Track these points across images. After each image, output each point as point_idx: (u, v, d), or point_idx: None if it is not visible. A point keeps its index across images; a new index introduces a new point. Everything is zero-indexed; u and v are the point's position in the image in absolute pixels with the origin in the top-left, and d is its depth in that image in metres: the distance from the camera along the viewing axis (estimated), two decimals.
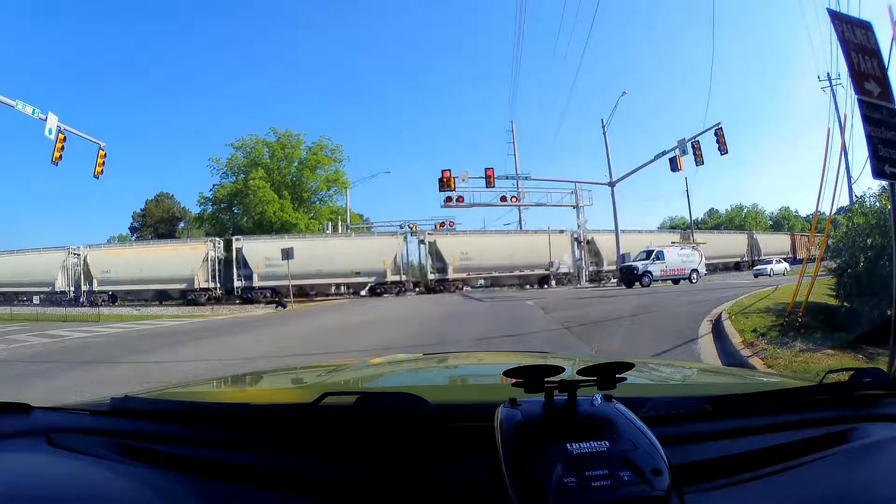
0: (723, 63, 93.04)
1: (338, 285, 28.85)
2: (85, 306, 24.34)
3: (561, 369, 0.71)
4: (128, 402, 1.04)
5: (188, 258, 27.53)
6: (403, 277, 29.60)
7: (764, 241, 42.71)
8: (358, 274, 28.33)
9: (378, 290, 28.42)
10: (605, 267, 31.90)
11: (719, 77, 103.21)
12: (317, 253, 27.14)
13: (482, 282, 31.81)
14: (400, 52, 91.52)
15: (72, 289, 27.52)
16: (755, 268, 31.68)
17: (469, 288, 30.13)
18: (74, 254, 27.87)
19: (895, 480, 0.71)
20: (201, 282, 27.40)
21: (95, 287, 27.23)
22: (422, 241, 30.62)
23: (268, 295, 26.97)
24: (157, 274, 27.18)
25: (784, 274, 27.36)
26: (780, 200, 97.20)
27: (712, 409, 0.88)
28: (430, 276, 29.82)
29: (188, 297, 27.25)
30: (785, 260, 34.04)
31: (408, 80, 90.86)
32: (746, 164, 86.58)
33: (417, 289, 30.30)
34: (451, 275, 29.48)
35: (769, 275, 27.64)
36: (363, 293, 29.04)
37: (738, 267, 37.89)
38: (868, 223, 5.60)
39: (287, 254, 21.41)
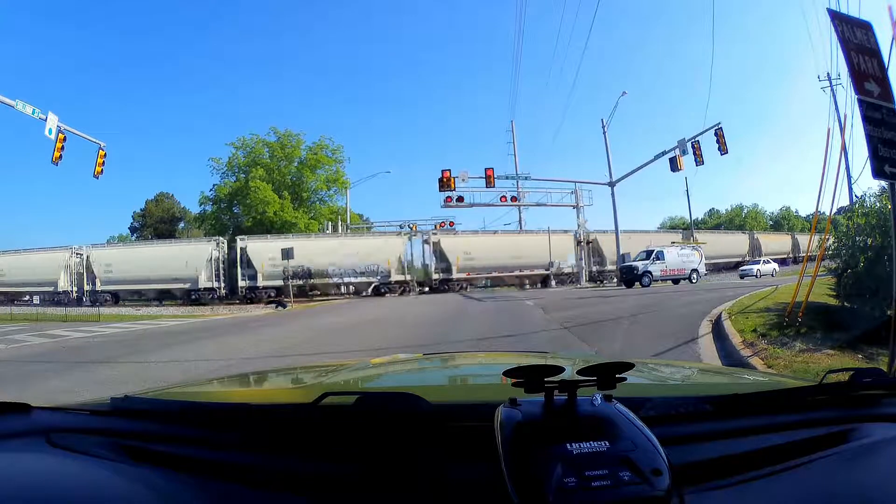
0: (723, 63, 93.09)
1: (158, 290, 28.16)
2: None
3: (561, 369, 0.71)
4: (128, 402, 1.04)
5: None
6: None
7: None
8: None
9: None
10: (608, 266, 31.27)
11: (719, 77, 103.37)
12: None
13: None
14: (400, 52, 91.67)
15: None
16: (741, 268, 30.96)
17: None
18: None
19: (895, 480, 0.71)
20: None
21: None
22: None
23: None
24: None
25: (773, 275, 26.89)
26: (780, 200, 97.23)
27: (712, 409, 0.88)
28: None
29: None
30: (775, 261, 33.02)
31: (408, 79, 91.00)
32: (746, 164, 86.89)
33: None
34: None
35: (756, 276, 27.38)
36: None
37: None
38: (868, 223, 5.60)
39: (287, 254, 21.46)
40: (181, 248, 28.96)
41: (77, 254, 28.87)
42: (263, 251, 27.61)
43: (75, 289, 28.41)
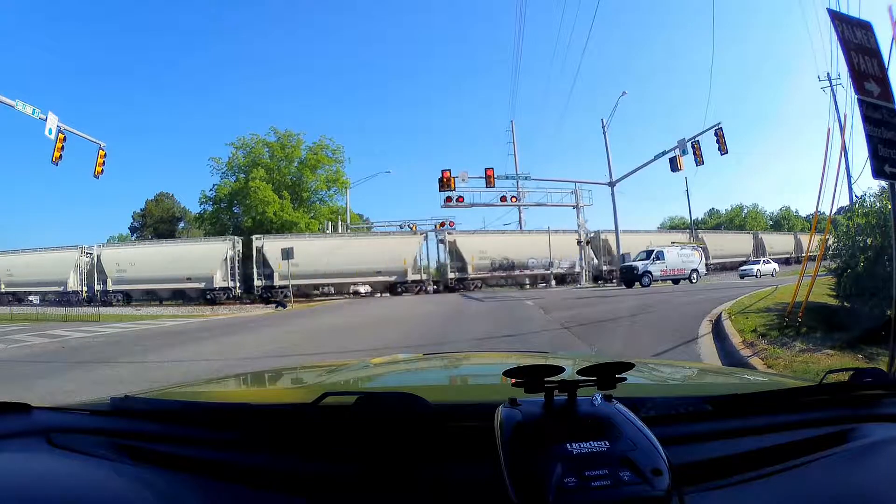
0: (723, 63, 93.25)
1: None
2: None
3: (561, 369, 0.71)
4: (128, 402, 1.04)
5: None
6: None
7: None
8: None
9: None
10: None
11: (720, 77, 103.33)
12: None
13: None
14: (400, 52, 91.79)
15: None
16: (741, 268, 31.10)
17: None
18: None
19: (895, 480, 0.71)
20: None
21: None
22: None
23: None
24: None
25: (773, 275, 26.98)
26: (780, 200, 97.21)
27: (712, 409, 0.88)
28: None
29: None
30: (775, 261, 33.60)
31: (408, 79, 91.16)
32: (746, 164, 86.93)
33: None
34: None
35: (755, 276, 27.45)
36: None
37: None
38: (868, 223, 5.60)
39: (287, 254, 21.45)
40: (395, 240, 29.58)
41: (234, 247, 27.65)
42: (473, 245, 29.62)
43: (237, 284, 27.47)
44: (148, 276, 27.16)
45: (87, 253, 28.62)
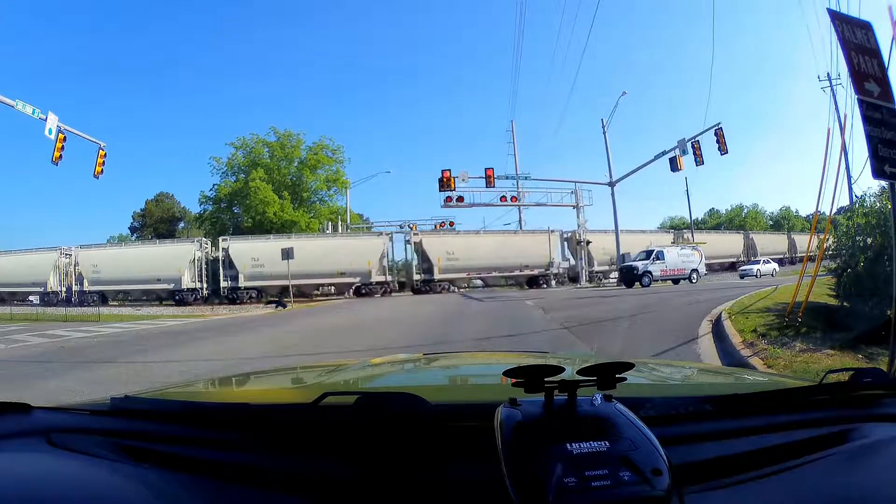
0: (723, 63, 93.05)
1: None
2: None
3: (561, 369, 0.71)
4: (128, 402, 1.04)
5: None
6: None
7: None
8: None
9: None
10: (597, 267, 32.20)
11: (720, 77, 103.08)
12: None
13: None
14: (400, 52, 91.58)
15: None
16: (741, 268, 31.21)
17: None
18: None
19: (895, 480, 0.71)
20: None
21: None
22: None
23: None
24: None
25: (773, 275, 27.03)
26: (780, 200, 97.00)
27: (712, 409, 0.88)
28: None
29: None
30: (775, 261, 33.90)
31: (408, 79, 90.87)
32: (746, 164, 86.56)
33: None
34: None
35: (756, 276, 27.50)
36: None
37: None
38: (868, 223, 5.60)
39: (287, 254, 21.44)
40: (533, 237, 31.61)
41: (391, 241, 28.34)
42: (602, 242, 31.04)
43: (390, 278, 28.06)
44: (292, 271, 25.79)
45: (204, 246, 27.67)
